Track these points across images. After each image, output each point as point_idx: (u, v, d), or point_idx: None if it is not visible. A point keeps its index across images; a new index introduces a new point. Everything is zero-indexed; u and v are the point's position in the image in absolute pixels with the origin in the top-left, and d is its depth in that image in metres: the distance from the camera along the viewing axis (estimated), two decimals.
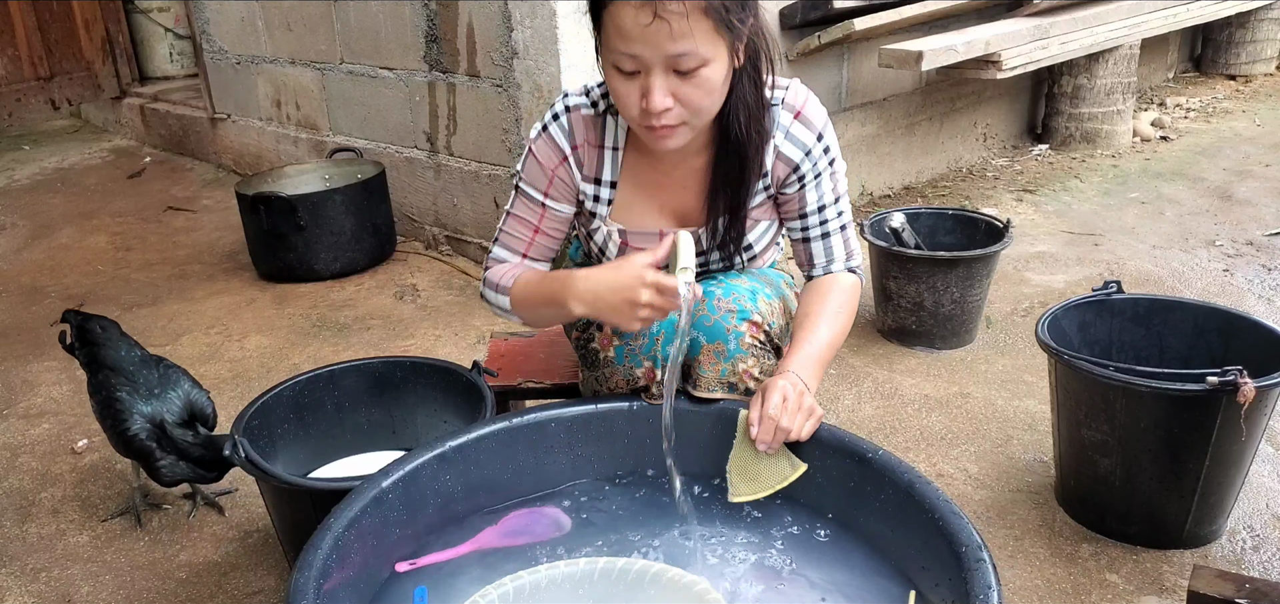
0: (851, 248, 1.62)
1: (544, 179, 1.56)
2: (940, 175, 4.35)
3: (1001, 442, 2.28)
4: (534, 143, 1.56)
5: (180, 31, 5.79)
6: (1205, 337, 2.00)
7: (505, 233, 1.62)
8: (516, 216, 1.60)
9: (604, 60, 1.38)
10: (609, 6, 1.30)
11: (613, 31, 1.31)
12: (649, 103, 1.33)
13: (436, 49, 3.31)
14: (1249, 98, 5.50)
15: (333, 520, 1.29)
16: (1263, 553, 1.88)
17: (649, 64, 1.31)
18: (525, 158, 1.57)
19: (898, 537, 1.34)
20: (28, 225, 4.33)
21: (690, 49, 1.29)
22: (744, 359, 1.52)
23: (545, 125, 1.56)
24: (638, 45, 1.29)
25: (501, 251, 1.62)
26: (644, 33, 1.27)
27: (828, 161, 1.54)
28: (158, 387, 2.03)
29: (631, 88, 1.35)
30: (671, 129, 1.37)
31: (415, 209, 3.73)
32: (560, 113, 1.55)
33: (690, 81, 1.32)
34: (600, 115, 1.54)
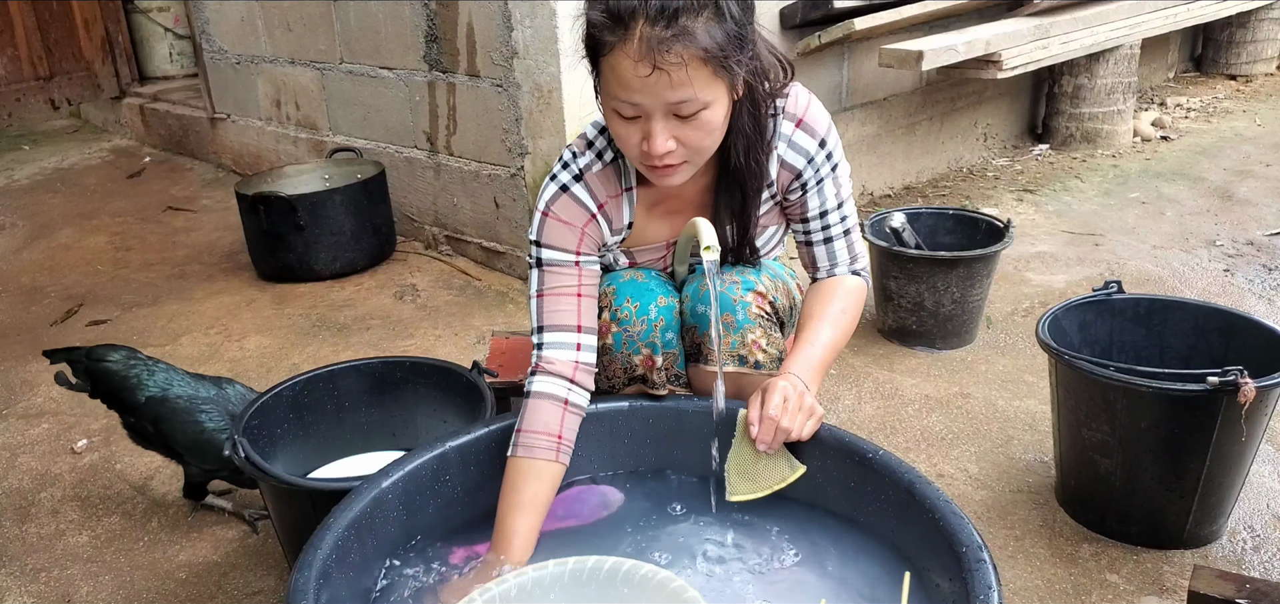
0: (856, 251, 1.62)
1: (574, 239, 1.49)
2: (941, 175, 4.35)
3: (1002, 442, 2.28)
4: (553, 206, 1.49)
5: (180, 31, 5.78)
6: (1206, 337, 2.00)
7: (547, 313, 1.48)
8: (553, 291, 1.49)
9: (604, 105, 1.38)
10: (608, 56, 1.29)
11: (612, 80, 1.31)
12: (651, 146, 1.33)
13: (436, 49, 3.31)
14: (1249, 98, 5.49)
15: (333, 520, 1.29)
16: (1263, 553, 1.88)
17: (649, 111, 1.31)
18: (542, 225, 1.50)
19: (898, 537, 1.34)
20: (27, 225, 4.32)
21: (689, 96, 1.29)
22: (752, 329, 1.53)
23: (564, 187, 1.50)
24: (638, 94, 1.29)
25: (554, 338, 1.47)
26: (643, 83, 1.27)
27: (830, 167, 1.55)
28: (216, 390, 2.02)
29: (633, 130, 1.35)
30: (674, 168, 1.38)
31: (415, 209, 3.73)
32: (572, 181, 1.50)
33: (691, 124, 1.33)
34: (610, 163, 1.52)
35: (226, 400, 2.01)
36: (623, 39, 1.26)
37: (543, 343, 1.48)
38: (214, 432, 1.96)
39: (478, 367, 1.91)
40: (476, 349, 2.85)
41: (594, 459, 1.56)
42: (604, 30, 1.28)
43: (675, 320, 1.58)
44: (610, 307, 1.56)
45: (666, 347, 1.56)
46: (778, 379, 1.43)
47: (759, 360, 1.55)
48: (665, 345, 1.56)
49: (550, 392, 1.45)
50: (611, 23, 1.27)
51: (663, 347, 1.55)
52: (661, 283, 1.60)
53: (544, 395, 1.44)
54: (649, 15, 1.24)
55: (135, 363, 2.07)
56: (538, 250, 1.50)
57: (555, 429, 1.43)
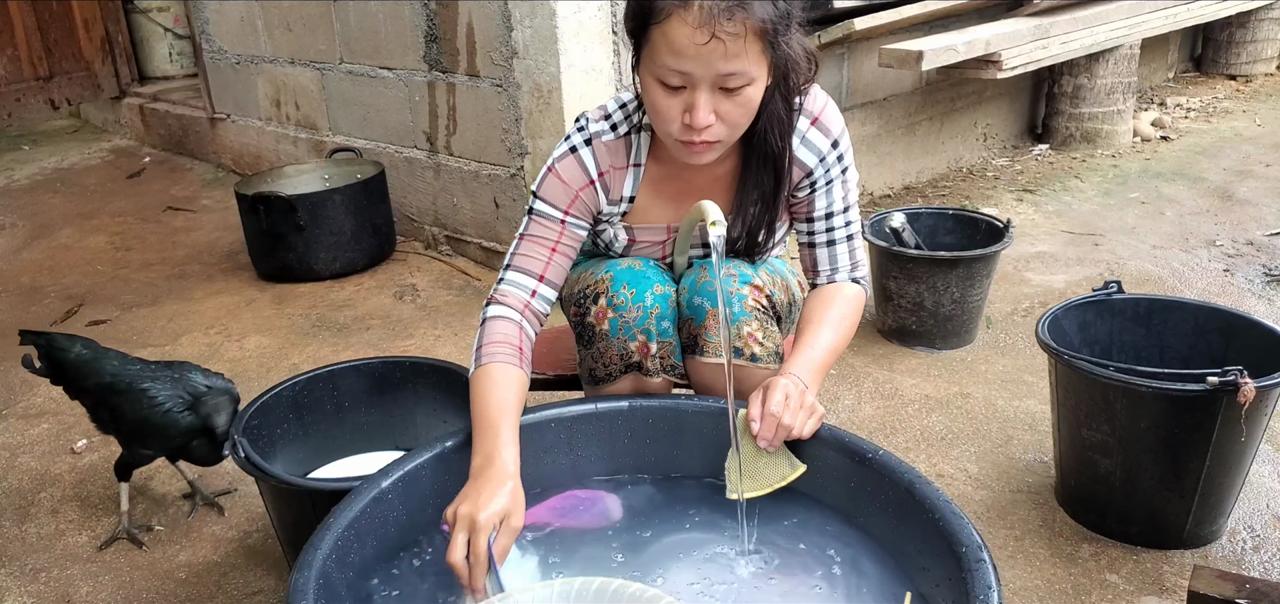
0: (857, 259, 1.62)
1: (566, 197, 1.53)
2: (940, 175, 4.35)
3: (1002, 442, 2.28)
4: (558, 163, 1.53)
5: (180, 31, 5.78)
6: (1205, 336, 2.00)
7: (519, 255, 1.54)
8: (532, 237, 1.54)
9: (645, 73, 1.37)
10: (662, 23, 1.29)
11: (663, 47, 1.30)
12: (693, 118, 1.33)
13: (436, 49, 3.31)
14: (1249, 98, 5.49)
15: (333, 520, 1.29)
16: (1263, 553, 1.88)
17: (697, 81, 1.31)
18: (544, 178, 1.54)
19: (898, 537, 1.34)
20: (27, 225, 4.32)
21: (741, 69, 1.30)
22: (748, 321, 1.53)
23: (573, 148, 1.53)
24: (690, 63, 1.29)
25: (515, 277, 1.53)
26: (698, 51, 1.27)
27: (841, 169, 1.55)
28: (167, 371, 2.02)
29: (674, 103, 1.34)
30: (710, 145, 1.38)
31: (415, 209, 3.73)
32: (581, 144, 1.53)
33: (733, 99, 1.34)
34: (623, 137, 1.53)
35: (185, 384, 2.00)
36: (683, 4, 1.26)
37: (504, 279, 1.53)
38: (166, 411, 1.96)
39: None
40: None
41: (594, 460, 1.56)
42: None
43: (671, 310, 1.58)
44: (607, 292, 1.56)
45: (662, 335, 1.56)
46: (778, 378, 1.43)
47: (755, 353, 1.55)
48: (660, 333, 1.56)
49: (504, 315, 1.49)
50: None
51: (658, 334, 1.55)
52: (659, 272, 1.60)
53: (499, 318, 1.49)
54: None
55: (88, 351, 2.07)
56: (533, 200, 1.55)
57: (514, 340, 1.46)
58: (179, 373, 2.02)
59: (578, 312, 1.63)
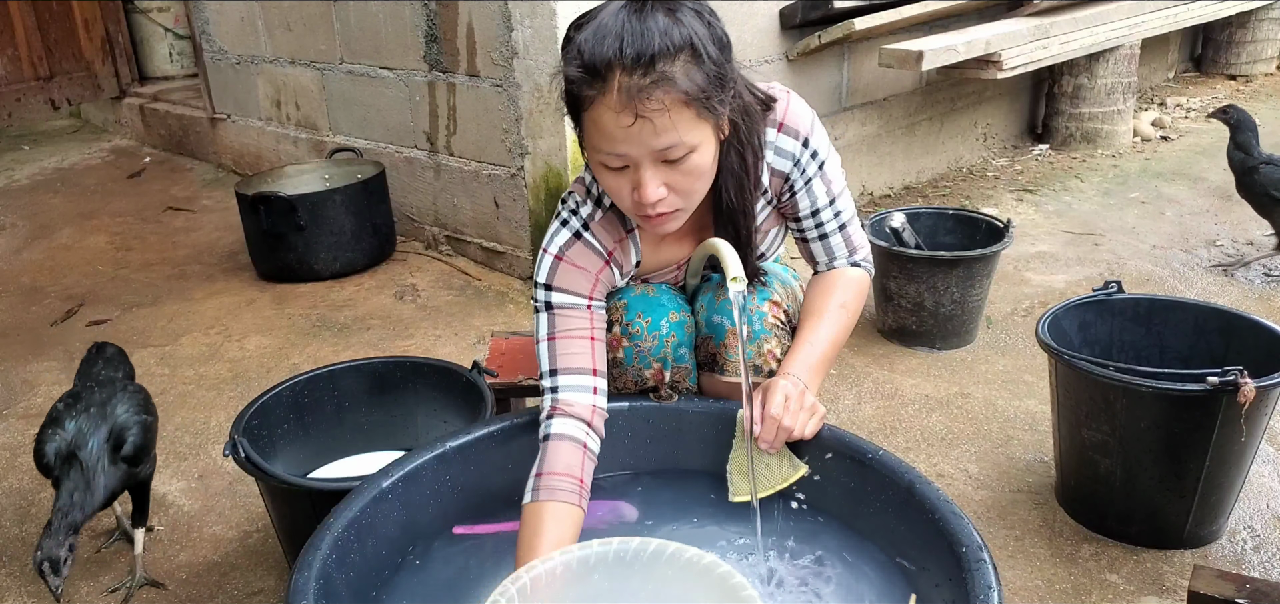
0: (854, 243, 1.60)
1: (588, 284, 1.46)
2: (940, 175, 4.35)
3: (1002, 442, 2.28)
4: (567, 253, 1.46)
5: (180, 31, 5.78)
6: (1205, 336, 2.00)
7: (563, 355, 1.43)
8: (567, 334, 1.44)
9: (590, 158, 1.34)
10: (589, 110, 1.27)
11: (594, 133, 1.28)
12: (642, 195, 1.30)
13: (436, 49, 3.31)
14: (1249, 98, 5.49)
15: (333, 520, 1.29)
16: (1263, 553, 1.88)
17: (636, 160, 1.28)
18: (555, 269, 1.45)
19: (898, 537, 1.34)
20: (27, 225, 4.32)
21: (675, 140, 1.26)
22: (768, 339, 1.52)
23: (577, 233, 1.46)
24: (622, 145, 1.26)
25: (572, 381, 1.42)
26: (627, 133, 1.24)
27: (816, 165, 1.51)
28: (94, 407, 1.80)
29: (622, 182, 1.32)
30: (666, 215, 1.35)
31: (415, 209, 3.73)
32: (583, 228, 1.47)
33: (680, 168, 1.30)
34: (609, 209, 1.48)
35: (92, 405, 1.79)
36: (602, 91, 1.23)
37: (558, 386, 1.43)
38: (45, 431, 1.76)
39: (478, 366, 1.91)
40: (476, 349, 2.85)
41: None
42: (582, 85, 1.25)
43: (687, 336, 1.56)
44: (621, 320, 1.55)
45: (678, 360, 1.55)
46: (778, 379, 1.42)
47: (773, 370, 1.54)
48: (676, 360, 1.55)
49: (570, 434, 1.40)
50: (589, 76, 1.24)
51: (674, 361, 1.55)
52: (673, 297, 1.59)
53: (564, 437, 1.39)
54: (625, 64, 1.21)
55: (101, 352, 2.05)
56: (548, 294, 1.45)
57: (577, 473, 1.38)
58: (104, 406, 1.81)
59: None
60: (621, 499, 1.52)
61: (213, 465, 2.33)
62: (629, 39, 1.21)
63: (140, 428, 1.81)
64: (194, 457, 2.38)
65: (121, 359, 2.09)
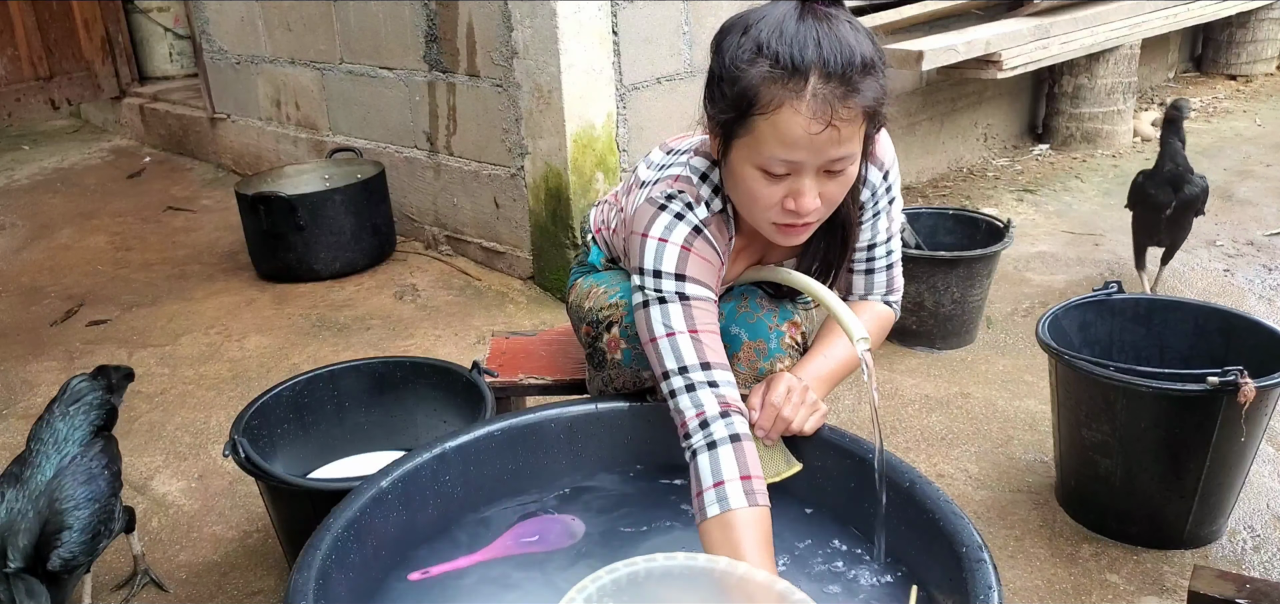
0: (894, 284, 1.60)
1: (714, 277, 1.40)
2: (941, 175, 4.35)
3: (1002, 442, 2.28)
4: (694, 245, 1.36)
5: (180, 31, 5.78)
6: (1205, 336, 2.00)
7: (712, 351, 1.34)
8: (708, 331, 1.35)
9: (743, 161, 1.28)
10: (771, 114, 1.21)
11: (771, 138, 1.23)
12: (800, 204, 1.27)
13: (436, 49, 3.31)
14: (1249, 98, 5.49)
15: (332, 520, 1.29)
16: (1263, 553, 1.88)
17: (805, 168, 1.25)
18: (685, 260, 1.35)
19: (898, 537, 1.34)
20: (27, 225, 4.32)
21: (848, 152, 1.25)
22: (783, 358, 1.51)
23: (698, 229, 1.37)
24: (802, 152, 1.22)
25: (725, 376, 1.34)
26: (812, 140, 1.21)
27: (888, 200, 1.51)
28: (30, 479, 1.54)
29: (776, 190, 1.28)
30: (809, 226, 1.33)
31: (415, 209, 3.73)
32: (702, 225, 1.39)
33: (837, 180, 1.29)
34: (717, 213, 1.42)
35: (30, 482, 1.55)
36: (797, 94, 1.19)
37: (718, 381, 1.33)
38: None
39: (478, 366, 1.91)
40: (477, 349, 2.85)
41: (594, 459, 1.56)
42: (773, 84, 1.20)
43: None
44: (620, 322, 1.55)
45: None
46: (783, 373, 1.42)
47: None
48: None
49: (745, 433, 1.32)
50: (785, 76, 1.19)
51: None
52: None
53: (743, 438, 1.31)
54: (826, 71, 1.18)
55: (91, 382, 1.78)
56: (681, 284, 1.34)
57: (760, 470, 1.31)
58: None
59: (590, 333, 1.62)
60: (567, 515, 1.51)
61: (213, 465, 2.33)
62: (828, 46, 1.19)
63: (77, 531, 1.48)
64: (194, 457, 2.38)
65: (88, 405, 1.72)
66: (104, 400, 1.74)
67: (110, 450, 1.67)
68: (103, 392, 1.76)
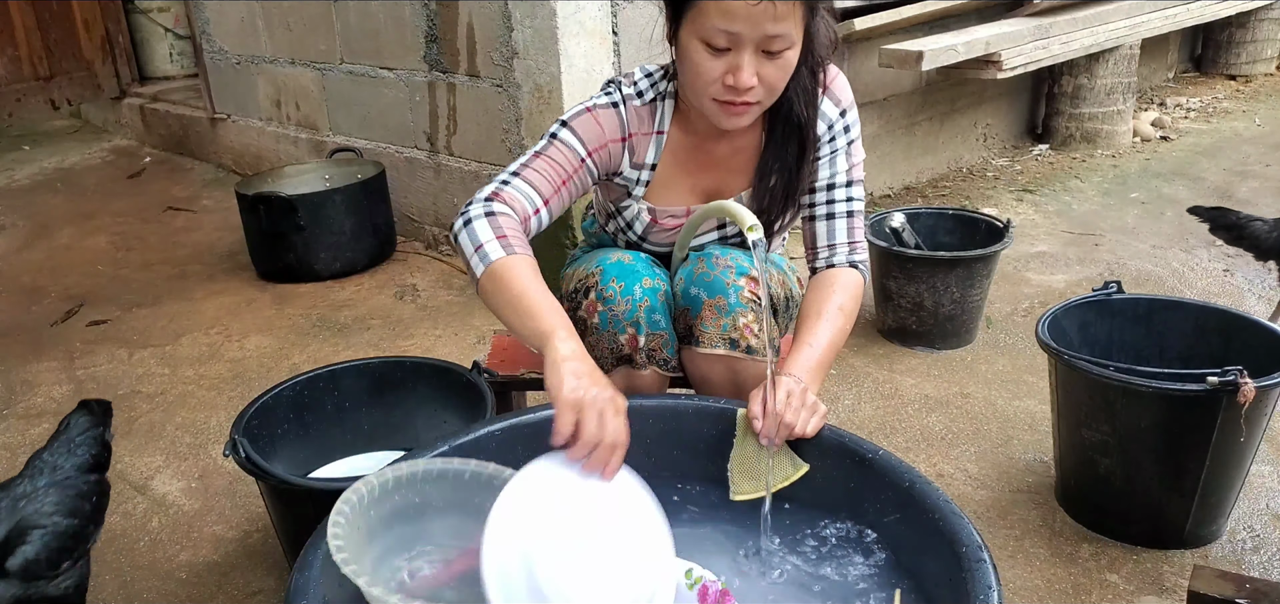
0: (856, 238, 1.61)
1: (596, 140, 1.52)
2: (940, 175, 4.35)
3: (1002, 442, 2.28)
4: (597, 109, 1.53)
5: (180, 31, 5.78)
6: (1205, 337, 2.00)
7: (531, 170, 1.48)
8: (550, 159, 1.50)
9: (689, 35, 1.38)
10: None
11: (712, 9, 1.32)
12: (738, 79, 1.35)
13: (436, 49, 3.31)
14: (1249, 98, 5.49)
15: None
16: (1263, 553, 1.88)
17: (743, 42, 1.33)
18: (579, 114, 1.53)
19: (898, 537, 1.34)
20: (28, 225, 4.32)
21: (786, 30, 1.33)
22: (744, 313, 1.53)
23: (614, 104, 1.54)
24: (741, 23, 1.31)
25: (523, 187, 1.47)
26: (749, 12, 1.30)
27: (847, 139, 1.56)
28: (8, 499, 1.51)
29: (717, 64, 1.36)
30: (748, 106, 1.40)
31: (415, 209, 3.73)
32: (621, 102, 1.54)
33: (775, 62, 1.36)
34: (648, 103, 1.55)
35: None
36: None
37: (509, 182, 1.47)
38: None
39: (478, 366, 1.91)
40: (476, 349, 2.85)
41: None
42: None
43: (662, 303, 1.58)
44: (596, 286, 1.57)
45: (653, 327, 1.56)
46: (780, 376, 1.43)
47: (751, 345, 1.55)
48: (651, 326, 1.56)
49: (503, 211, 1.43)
50: None
51: (648, 326, 1.56)
52: (649, 265, 1.61)
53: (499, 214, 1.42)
54: None
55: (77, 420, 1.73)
56: (560, 128, 1.52)
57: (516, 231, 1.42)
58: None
59: (571, 306, 1.64)
60: None
61: (213, 465, 2.33)
62: None
63: (48, 535, 1.45)
64: (194, 457, 2.39)
65: (88, 440, 1.70)
66: (100, 438, 1.71)
67: (101, 486, 1.63)
68: (101, 429, 1.73)
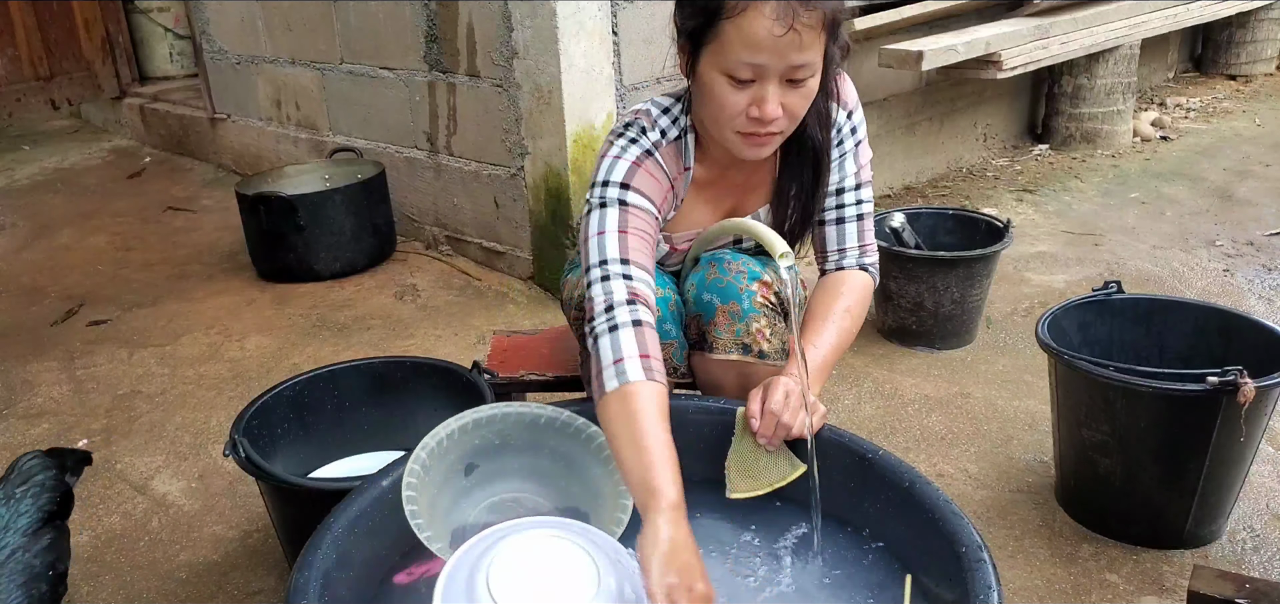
0: (866, 241, 1.61)
1: (660, 194, 1.47)
2: (940, 175, 4.35)
3: (1001, 442, 2.28)
4: (644, 162, 1.45)
5: (180, 31, 5.78)
6: (1205, 336, 2.00)
7: (635, 250, 1.38)
8: (639, 234, 1.41)
9: (710, 68, 1.35)
10: (738, 17, 1.29)
11: (737, 41, 1.30)
12: (764, 110, 1.33)
13: (436, 49, 3.31)
14: (1249, 98, 5.49)
15: (333, 520, 1.29)
16: (1263, 553, 1.88)
17: (768, 74, 1.32)
18: (632, 172, 1.44)
19: (898, 537, 1.34)
20: (28, 225, 4.32)
21: (810, 60, 1.32)
22: (757, 318, 1.53)
23: (649, 151, 1.47)
24: (765, 55, 1.29)
25: (642, 275, 1.38)
26: (775, 43, 1.28)
27: (854, 141, 1.56)
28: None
29: (741, 97, 1.34)
30: (773, 137, 1.39)
31: (415, 209, 3.73)
32: (654, 149, 1.48)
33: (798, 91, 1.35)
34: (673, 141, 1.51)
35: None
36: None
37: (631, 275, 1.36)
38: None
39: (478, 366, 1.91)
40: (477, 349, 2.85)
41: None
42: None
43: (672, 313, 1.58)
44: None
45: (664, 336, 1.56)
46: (779, 377, 1.43)
47: (764, 350, 1.55)
48: (661, 335, 1.56)
49: (649, 320, 1.36)
50: None
51: (659, 336, 1.56)
52: (658, 275, 1.60)
53: (646, 324, 1.34)
54: None
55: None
56: (624, 192, 1.42)
57: (660, 353, 1.35)
58: None
59: (579, 316, 1.63)
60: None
61: (213, 465, 2.33)
62: None
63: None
64: (194, 457, 2.39)
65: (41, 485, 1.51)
66: (57, 481, 1.54)
67: (59, 546, 1.46)
68: (56, 471, 1.56)
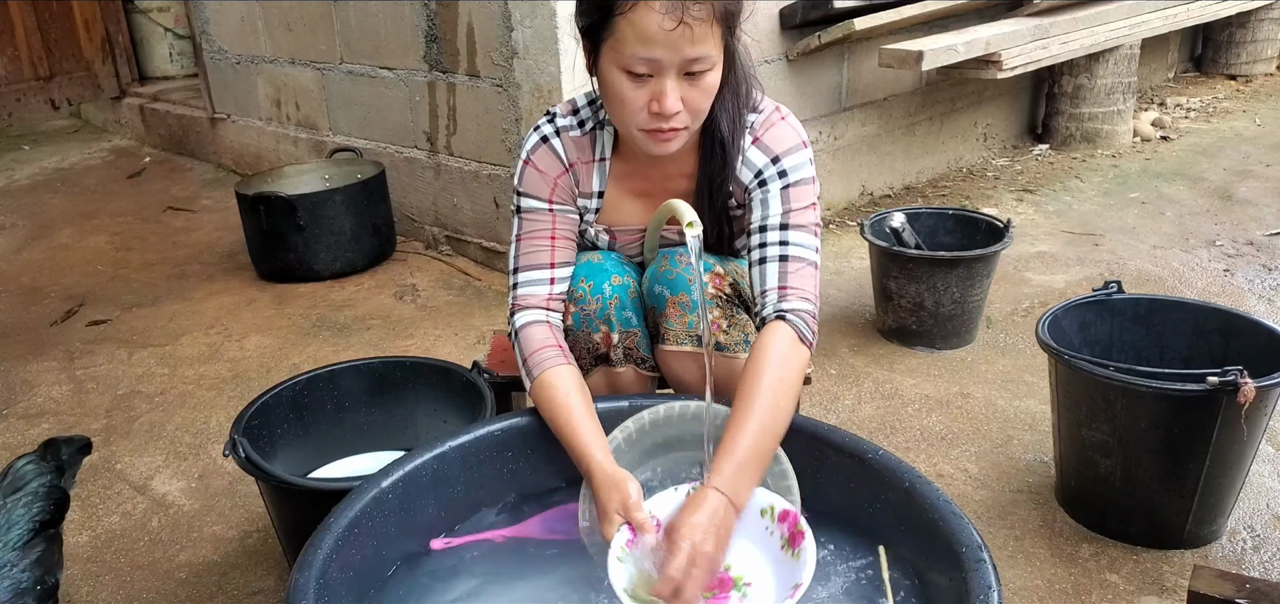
0: (790, 284, 1.43)
1: (547, 186, 1.55)
2: (940, 175, 4.35)
3: (1002, 442, 2.28)
4: (532, 156, 1.56)
5: (180, 31, 5.78)
6: (1205, 336, 2.00)
7: (523, 255, 1.56)
8: (528, 235, 1.57)
9: (608, 64, 1.37)
10: (629, 12, 1.30)
11: (630, 36, 1.31)
12: (662, 105, 1.34)
13: (436, 49, 3.31)
14: (1249, 98, 5.49)
15: (333, 520, 1.29)
16: (1263, 553, 1.88)
17: (664, 68, 1.32)
18: (523, 173, 1.57)
19: (898, 537, 1.34)
20: (28, 225, 4.32)
21: (705, 53, 1.32)
22: (710, 309, 1.52)
23: (543, 138, 1.56)
24: (659, 49, 1.30)
25: (527, 277, 1.55)
26: (667, 37, 1.29)
27: (781, 184, 1.48)
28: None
29: (640, 93, 1.35)
30: (676, 132, 1.39)
31: (415, 209, 3.73)
32: (552, 134, 1.56)
33: (697, 85, 1.36)
34: (588, 132, 1.56)
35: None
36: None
37: (518, 283, 1.55)
38: None
39: (478, 366, 1.91)
40: (476, 349, 2.85)
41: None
42: None
43: (632, 300, 1.58)
44: (571, 292, 1.58)
45: (625, 324, 1.57)
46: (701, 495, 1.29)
47: (720, 342, 1.54)
48: (622, 323, 1.57)
49: (533, 319, 1.52)
50: None
51: (620, 324, 1.56)
52: (618, 263, 1.62)
53: (529, 324, 1.52)
54: None
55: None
56: (518, 198, 1.57)
57: (552, 341, 1.49)
58: None
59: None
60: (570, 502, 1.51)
61: (213, 465, 2.33)
62: None
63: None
64: (194, 457, 2.39)
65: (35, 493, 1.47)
66: (51, 488, 1.48)
67: (48, 558, 1.40)
68: (51, 476, 1.50)
